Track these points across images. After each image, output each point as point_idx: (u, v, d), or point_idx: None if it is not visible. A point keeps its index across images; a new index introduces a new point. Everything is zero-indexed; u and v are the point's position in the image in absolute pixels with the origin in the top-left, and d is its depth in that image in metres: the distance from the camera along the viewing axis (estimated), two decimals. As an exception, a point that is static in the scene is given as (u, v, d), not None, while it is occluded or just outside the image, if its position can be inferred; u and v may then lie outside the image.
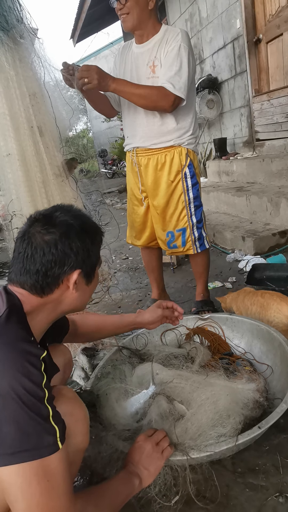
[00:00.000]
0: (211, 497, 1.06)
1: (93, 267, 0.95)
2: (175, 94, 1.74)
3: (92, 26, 7.76)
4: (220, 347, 1.62)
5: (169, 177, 1.95)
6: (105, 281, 2.14)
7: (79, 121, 16.93)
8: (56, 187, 1.81)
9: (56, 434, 0.76)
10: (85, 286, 0.95)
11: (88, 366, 1.74)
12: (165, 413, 1.18)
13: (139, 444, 1.04)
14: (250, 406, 1.20)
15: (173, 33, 1.79)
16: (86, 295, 0.98)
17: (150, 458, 1.01)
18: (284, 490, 1.05)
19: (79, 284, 0.91)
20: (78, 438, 0.88)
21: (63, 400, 0.88)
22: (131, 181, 2.11)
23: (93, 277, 0.97)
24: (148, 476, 1.00)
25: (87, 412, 0.94)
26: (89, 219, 0.97)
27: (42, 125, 1.74)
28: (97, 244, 0.97)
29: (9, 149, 1.67)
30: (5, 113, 1.63)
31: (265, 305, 1.66)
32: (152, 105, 1.78)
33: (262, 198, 3.29)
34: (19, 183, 1.70)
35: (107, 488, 0.91)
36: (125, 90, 1.75)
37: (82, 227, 0.91)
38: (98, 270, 1.00)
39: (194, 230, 2.01)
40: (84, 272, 0.92)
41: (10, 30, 1.59)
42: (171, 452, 1.04)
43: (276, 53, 4.04)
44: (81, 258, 0.89)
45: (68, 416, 0.85)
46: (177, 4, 5.89)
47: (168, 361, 1.50)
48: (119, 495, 0.93)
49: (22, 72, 1.65)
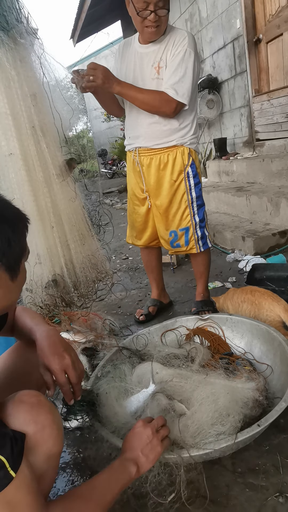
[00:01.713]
0: (211, 497, 1.06)
1: (17, 259, 0.80)
2: (177, 101, 1.77)
3: (92, 26, 7.77)
4: (220, 347, 1.62)
5: (172, 177, 1.95)
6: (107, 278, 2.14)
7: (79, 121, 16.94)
8: (59, 187, 1.82)
9: (4, 465, 0.71)
10: (10, 282, 0.78)
11: (88, 366, 1.74)
12: (165, 411, 1.18)
13: (139, 430, 1.00)
14: (249, 405, 1.20)
15: (180, 36, 1.79)
16: (12, 293, 0.82)
17: (150, 445, 0.98)
18: (284, 490, 1.05)
19: (1, 280, 0.76)
20: (48, 443, 0.83)
21: (24, 409, 0.83)
22: (132, 181, 2.12)
23: (18, 272, 0.80)
24: (147, 463, 0.96)
25: (55, 414, 0.88)
26: (10, 204, 0.82)
27: (43, 125, 1.74)
28: (20, 232, 0.81)
29: (12, 149, 1.67)
30: (6, 112, 1.63)
31: (256, 303, 1.68)
32: (154, 110, 1.82)
33: (262, 198, 3.29)
34: (22, 183, 1.70)
35: (101, 479, 0.89)
36: (129, 93, 1.79)
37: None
38: (24, 263, 0.85)
39: (197, 229, 2.02)
40: (6, 265, 0.76)
41: (10, 30, 1.59)
42: (170, 443, 1.02)
43: (276, 53, 4.05)
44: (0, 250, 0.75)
45: (32, 424, 0.81)
46: (177, 4, 5.89)
47: (168, 361, 1.50)
48: (117, 483, 0.90)
49: (23, 72, 1.65)
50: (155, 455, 0.98)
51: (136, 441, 0.98)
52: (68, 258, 1.88)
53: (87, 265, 1.94)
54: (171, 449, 1.05)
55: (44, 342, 1.03)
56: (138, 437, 0.99)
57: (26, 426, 0.79)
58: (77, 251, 1.90)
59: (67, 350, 1.03)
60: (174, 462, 1.05)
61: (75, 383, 1.03)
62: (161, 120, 1.87)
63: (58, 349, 1.02)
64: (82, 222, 1.96)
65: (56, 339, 1.05)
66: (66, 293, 1.88)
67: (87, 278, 1.93)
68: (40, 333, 1.06)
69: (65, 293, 1.87)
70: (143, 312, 2.27)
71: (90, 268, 1.95)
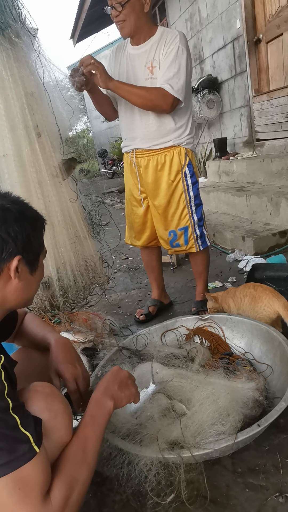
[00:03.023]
0: (211, 497, 1.06)
1: (36, 254, 0.91)
2: (173, 95, 1.75)
3: (92, 26, 7.75)
4: (220, 347, 1.63)
5: (169, 177, 1.95)
6: (102, 283, 2.14)
7: (79, 121, 16.92)
8: (52, 188, 1.81)
9: (29, 440, 0.75)
10: (29, 275, 0.90)
11: (88, 366, 1.74)
12: (165, 410, 1.18)
13: (116, 371, 1.05)
14: (249, 405, 1.20)
15: (172, 35, 1.79)
16: (31, 286, 0.92)
17: (126, 383, 1.03)
18: (284, 490, 1.05)
19: (22, 273, 0.87)
20: (60, 432, 0.87)
21: (39, 397, 0.87)
22: (130, 182, 2.12)
23: (37, 266, 0.92)
24: (123, 397, 1.00)
25: (66, 405, 0.92)
26: (28, 205, 0.92)
27: (39, 125, 1.73)
28: (39, 230, 0.93)
29: (5, 150, 1.67)
30: (1, 113, 1.63)
31: (256, 297, 1.70)
32: (150, 104, 1.79)
33: (262, 198, 3.29)
34: (15, 184, 1.70)
35: (87, 433, 0.91)
36: (124, 88, 1.76)
37: (20, 212, 0.86)
38: (42, 259, 0.95)
39: (195, 228, 2.02)
40: (26, 259, 0.87)
41: (5, 29, 1.59)
42: (139, 395, 1.07)
43: (276, 53, 4.05)
44: (21, 244, 0.84)
45: (46, 412, 0.84)
46: (177, 4, 5.89)
47: (168, 361, 1.50)
48: (100, 426, 0.93)
49: (19, 72, 1.64)
50: (130, 392, 1.03)
51: (113, 378, 1.03)
52: (61, 261, 1.88)
53: (81, 268, 1.93)
54: (171, 449, 1.06)
55: (59, 349, 1.13)
56: (115, 376, 1.04)
57: (41, 413, 0.82)
58: (70, 255, 1.89)
59: (79, 361, 1.14)
60: (174, 462, 1.05)
61: (83, 392, 1.11)
62: (157, 121, 1.87)
63: (71, 358, 1.12)
64: (79, 224, 1.95)
65: (71, 348, 1.15)
66: (55, 296, 1.87)
67: (77, 283, 1.92)
68: (55, 339, 1.15)
69: (53, 297, 1.87)
70: (143, 312, 2.27)
71: (84, 271, 1.95)
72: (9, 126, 1.65)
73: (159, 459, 1.04)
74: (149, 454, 1.06)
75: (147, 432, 1.15)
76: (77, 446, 0.88)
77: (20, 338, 1.23)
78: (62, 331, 1.90)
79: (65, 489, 0.79)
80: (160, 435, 1.12)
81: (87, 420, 0.93)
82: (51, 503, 0.76)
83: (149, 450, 1.07)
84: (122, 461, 1.09)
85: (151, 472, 1.04)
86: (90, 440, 0.90)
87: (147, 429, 1.17)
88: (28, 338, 1.21)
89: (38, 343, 1.19)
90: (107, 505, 1.10)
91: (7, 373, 0.79)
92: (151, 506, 1.05)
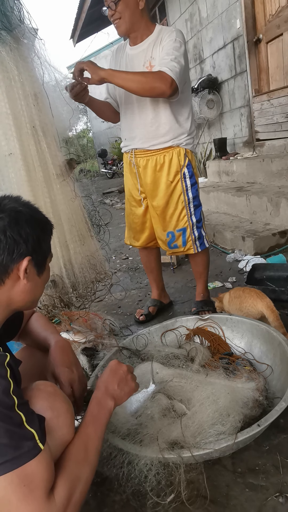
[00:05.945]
0: (211, 497, 1.06)
1: (44, 256, 0.95)
2: (172, 77, 1.66)
3: (92, 26, 7.75)
4: (220, 347, 1.63)
5: (168, 178, 1.95)
6: (106, 279, 2.14)
7: (79, 121, 16.92)
8: (58, 187, 1.81)
9: (34, 437, 0.75)
10: (37, 277, 0.93)
11: (88, 366, 1.74)
12: (165, 410, 1.18)
13: (115, 366, 1.06)
14: (249, 405, 1.20)
15: (168, 31, 1.80)
16: (37, 288, 0.96)
17: (125, 379, 1.03)
18: (284, 490, 1.05)
19: (30, 274, 0.90)
20: (62, 430, 0.87)
21: (42, 396, 0.88)
22: (129, 182, 2.12)
23: (44, 268, 0.95)
24: (123, 395, 1.02)
25: (69, 404, 0.92)
26: (38, 209, 0.96)
27: (43, 125, 1.74)
28: (48, 234, 0.96)
29: (12, 149, 1.67)
30: (7, 112, 1.63)
31: (243, 298, 1.80)
32: (148, 87, 1.67)
33: (262, 198, 3.29)
34: (21, 183, 1.70)
35: (89, 432, 0.91)
36: (119, 75, 1.69)
37: (31, 215, 0.90)
38: (49, 263, 0.99)
39: (194, 229, 2.02)
40: (35, 260, 0.90)
41: (12, 30, 1.59)
42: (138, 386, 1.08)
43: (276, 53, 4.05)
44: (31, 245, 0.88)
45: (49, 411, 0.85)
46: (177, 4, 5.89)
47: (168, 361, 1.50)
48: (102, 426, 0.94)
49: (25, 71, 1.65)
50: (130, 388, 1.04)
51: (112, 376, 1.04)
52: (67, 258, 1.88)
53: (86, 265, 1.94)
54: (171, 448, 1.06)
55: (57, 352, 1.14)
56: (114, 372, 1.04)
57: (44, 412, 0.83)
58: (76, 252, 1.90)
59: (76, 365, 1.14)
60: (174, 462, 1.05)
61: (78, 397, 1.11)
62: (156, 121, 1.86)
63: (68, 361, 1.13)
64: (82, 223, 1.96)
65: (69, 351, 1.16)
66: (65, 294, 1.88)
67: (86, 279, 1.93)
68: (55, 341, 1.16)
69: (63, 294, 1.87)
70: (143, 312, 2.27)
71: (89, 268, 1.95)
72: (15, 125, 1.65)
73: (159, 459, 1.04)
74: (149, 454, 1.06)
75: (147, 432, 1.16)
76: (79, 445, 0.88)
77: (24, 337, 1.24)
78: (62, 331, 1.91)
79: (68, 487, 0.79)
80: (160, 435, 1.13)
81: (88, 419, 0.94)
82: (54, 500, 0.76)
83: (149, 450, 1.07)
84: (122, 461, 1.09)
85: (151, 472, 1.04)
86: (91, 439, 0.90)
87: (147, 429, 1.17)
88: (32, 338, 1.22)
89: (40, 344, 1.20)
90: (107, 505, 1.10)
91: (12, 371, 0.79)
92: (151, 506, 1.05)
